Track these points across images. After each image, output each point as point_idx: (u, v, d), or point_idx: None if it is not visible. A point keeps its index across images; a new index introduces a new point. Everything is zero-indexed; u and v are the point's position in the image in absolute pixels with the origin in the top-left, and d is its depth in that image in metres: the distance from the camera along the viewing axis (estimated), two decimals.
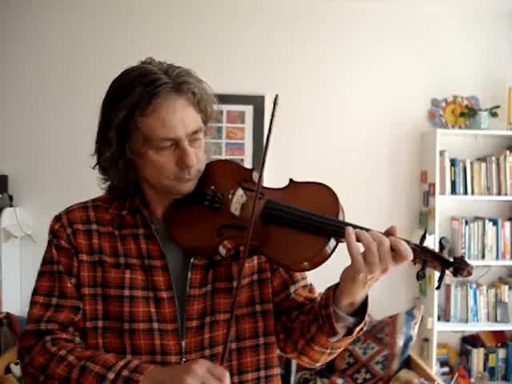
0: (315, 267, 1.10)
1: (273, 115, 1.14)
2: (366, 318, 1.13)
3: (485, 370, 3.67)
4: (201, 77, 1.21)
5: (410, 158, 3.79)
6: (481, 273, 3.69)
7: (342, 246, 1.12)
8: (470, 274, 1.06)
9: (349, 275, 1.07)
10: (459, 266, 1.05)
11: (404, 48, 3.75)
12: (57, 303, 1.18)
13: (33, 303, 1.19)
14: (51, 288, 1.19)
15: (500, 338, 3.75)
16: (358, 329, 1.13)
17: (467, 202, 3.73)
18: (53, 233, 1.23)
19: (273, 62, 3.67)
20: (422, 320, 3.44)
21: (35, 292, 1.20)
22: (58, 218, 1.25)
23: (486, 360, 3.68)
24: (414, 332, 3.35)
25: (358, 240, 1.05)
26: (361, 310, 1.13)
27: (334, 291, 1.12)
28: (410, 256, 1.03)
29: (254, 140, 3.66)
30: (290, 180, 1.24)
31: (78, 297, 1.19)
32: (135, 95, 1.11)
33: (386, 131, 3.75)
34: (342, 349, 1.20)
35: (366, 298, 1.13)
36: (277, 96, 1.14)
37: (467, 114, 3.69)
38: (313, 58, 3.71)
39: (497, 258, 3.62)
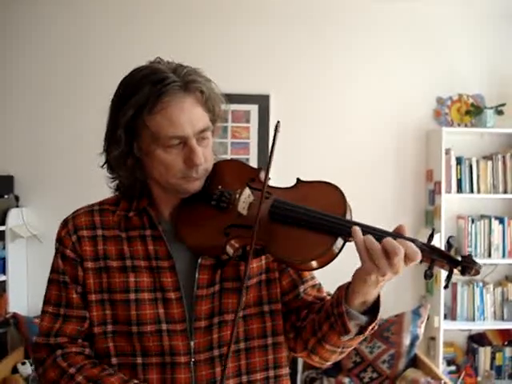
0: (322, 266, 1.09)
1: (274, 141, 1.14)
2: (378, 316, 1.12)
3: (491, 368, 3.66)
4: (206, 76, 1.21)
5: (416, 156, 3.78)
6: (487, 271, 3.68)
7: (350, 246, 1.12)
8: (478, 272, 1.05)
9: (360, 276, 1.06)
10: (467, 265, 1.04)
11: (409, 47, 3.74)
12: (64, 313, 1.21)
13: (43, 313, 1.23)
14: (59, 298, 1.22)
15: (507, 336, 3.74)
16: (370, 328, 1.12)
17: (473, 200, 3.72)
18: (59, 240, 1.25)
19: (278, 61, 3.67)
20: (428, 319, 3.43)
21: (45, 301, 1.23)
22: (64, 224, 1.26)
23: (492, 358, 3.68)
24: (421, 331, 3.34)
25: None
26: (373, 309, 1.12)
27: (345, 290, 1.12)
28: (419, 257, 1.01)
29: (260, 139, 3.66)
30: (297, 179, 1.23)
31: (84, 306, 1.21)
32: (143, 94, 1.11)
33: (391, 130, 3.75)
34: (352, 347, 1.20)
35: (379, 296, 1.12)
36: (278, 123, 1.13)
37: (473, 112, 3.68)
38: (318, 58, 3.70)
39: (503, 256, 3.61)
